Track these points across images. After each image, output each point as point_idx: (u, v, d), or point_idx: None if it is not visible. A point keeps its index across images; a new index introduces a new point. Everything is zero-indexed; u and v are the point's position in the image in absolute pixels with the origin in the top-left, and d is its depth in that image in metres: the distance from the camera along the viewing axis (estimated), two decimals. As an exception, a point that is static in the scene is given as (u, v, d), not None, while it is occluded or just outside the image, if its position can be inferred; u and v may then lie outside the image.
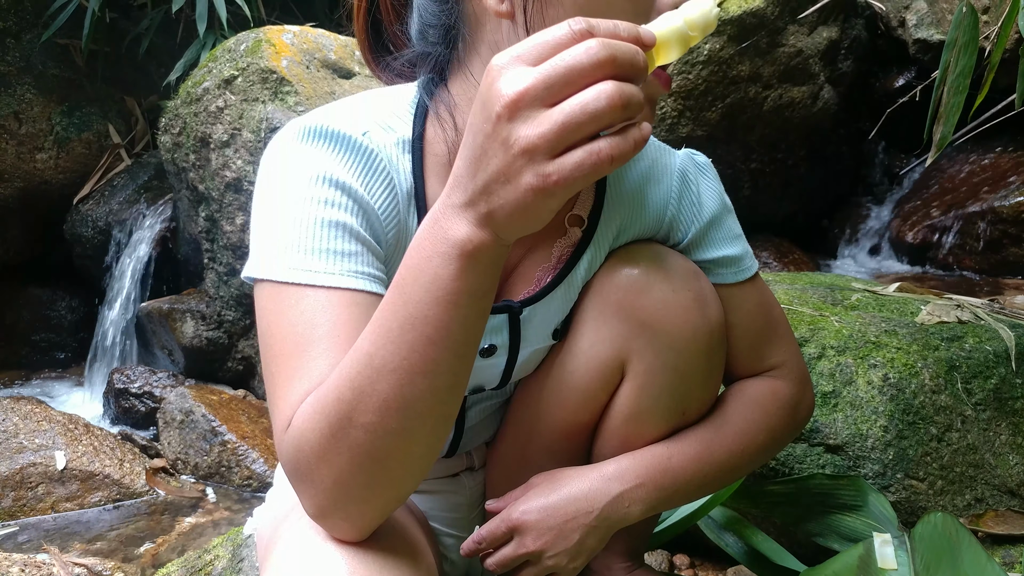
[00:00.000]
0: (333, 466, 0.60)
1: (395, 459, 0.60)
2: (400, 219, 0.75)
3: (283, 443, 0.63)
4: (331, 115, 0.73)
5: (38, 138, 2.82)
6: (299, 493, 0.64)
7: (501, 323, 0.84)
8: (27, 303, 3.00)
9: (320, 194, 0.69)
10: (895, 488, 1.21)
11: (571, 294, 0.86)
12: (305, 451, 0.61)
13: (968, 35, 1.20)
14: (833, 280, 1.75)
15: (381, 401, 0.58)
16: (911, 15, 2.80)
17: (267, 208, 0.70)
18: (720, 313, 0.85)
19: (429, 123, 0.78)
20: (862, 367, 1.28)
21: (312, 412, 0.61)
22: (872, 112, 2.79)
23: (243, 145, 2.23)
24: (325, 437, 0.60)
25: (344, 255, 0.68)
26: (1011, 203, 2.34)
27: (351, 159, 0.71)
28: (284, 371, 0.65)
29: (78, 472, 1.86)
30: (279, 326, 0.66)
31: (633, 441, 0.85)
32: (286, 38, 2.28)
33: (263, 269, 0.68)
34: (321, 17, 2.98)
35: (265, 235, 0.70)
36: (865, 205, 2.96)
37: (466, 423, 0.94)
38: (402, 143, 0.76)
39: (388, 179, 0.73)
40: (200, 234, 2.41)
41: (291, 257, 0.67)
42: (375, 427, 0.59)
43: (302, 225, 0.68)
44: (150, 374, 2.38)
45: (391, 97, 0.79)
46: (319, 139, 0.71)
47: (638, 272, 0.83)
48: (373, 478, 0.61)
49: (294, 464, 0.62)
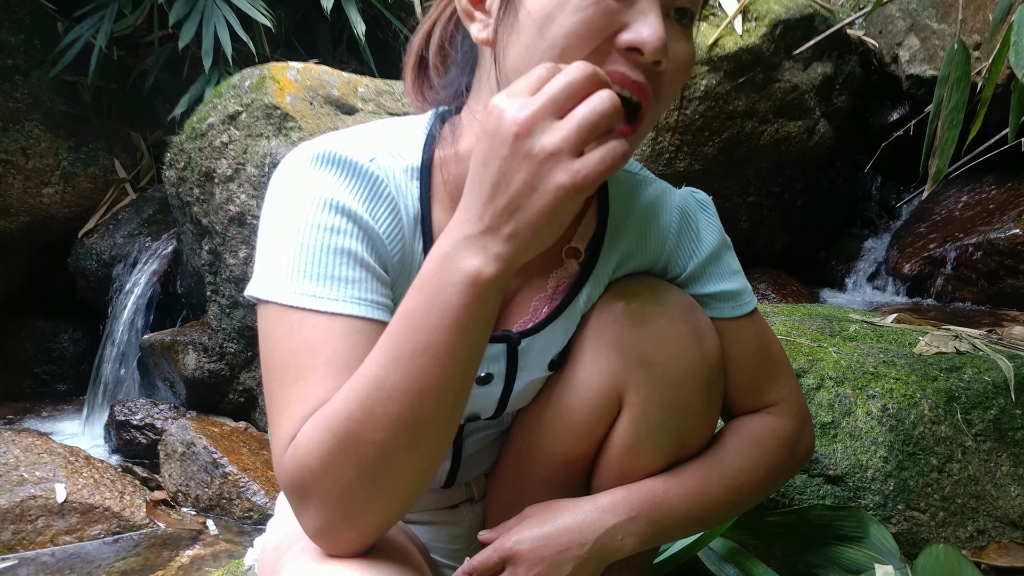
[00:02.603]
0: (341, 479, 0.63)
1: (402, 472, 0.64)
2: (405, 244, 0.77)
3: (284, 462, 0.65)
4: (341, 141, 0.75)
5: (45, 173, 2.85)
6: (300, 510, 0.66)
7: (499, 352, 0.84)
8: (30, 335, 3.00)
9: (326, 220, 0.70)
10: (896, 519, 1.21)
11: (570, 326, 0.86)
12: (311, 466, 0.63)
13: (960, 71, 1.23)
14: (831, 311, 1.76)
15: (393, 420, 0.61)
16: (904, 51, 2.85)
17: (274, 230, 0.72)
18: (717, 347, 0.86)
19: (438, 151, 0.80)
20: (861, 398, 1.29)
21: (318, 430, 0.63)
22: (868, 146, 2.83)
23: (247, 180, 2.25)
24: (332, 453, 0.62)
25: (347, 282, 0.70)
26: (1007, 235, 2.36)
27: (357, 185, 0.73)
28: (285, 395, 0.67)
29: (78, 505, 1.85)
30: (281, 350, 0.69)
31: (631, 474, 0.85)
32: (290, 75, 2.32)
33: (268, 291, 0.70)
34: (324, 54, 3.03)
35: (271, 257, 0.72)
36: (862, 237, 2.98)
37: (463, 452, 0.94)
38: (411, 170, 0.78)
39: (393, 205, 0.75)
40: (203, 267, 2.42)
41: (296, 282, 0.69)
42: (385, 444, 0.62)
43: (308, 251, 0.70)
44: (152, 406, 2.39)
45: (405, 125, 0.82)
46: (327, 164, 0.73)
47: (635, 305, 0.84)
48: (380, 489, 0.63)
49: (298, 480, 0.64)
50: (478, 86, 0.79)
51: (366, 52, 2.71)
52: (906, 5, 2.85)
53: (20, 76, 2.77)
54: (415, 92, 0.86)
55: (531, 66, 0.65)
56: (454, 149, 0.79)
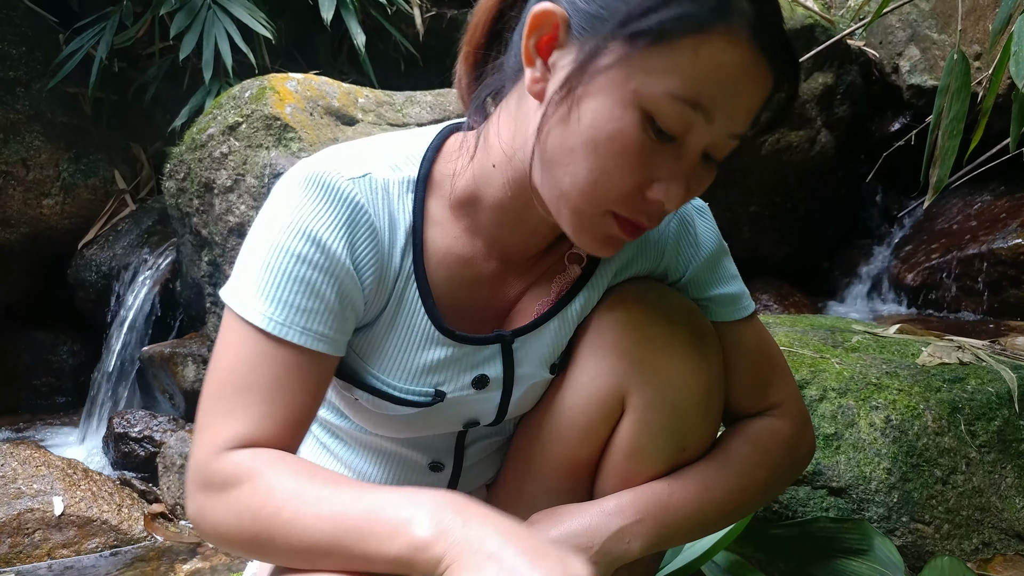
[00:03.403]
0: (232, 544, 0.71)
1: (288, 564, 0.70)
2: (382, 264, 0.79)
3: (212, 475, 0.71)
4: (338, 159, 0.78)
5: (45, 184, 2.84)
6: (192, 499, 0.73)
7: (493, 353, 0.85)
8: (28, 347, 2.99)
9: (297, 247, 0.74)
10: (901, 532, 1.20)
11: (565, 328, 0.87)
12: (215, 522, 0.71)
13: (960, 81, 1.23)
14: (833, 322, 1.75)
15: (296, 554, 0.68)
16: (904, 61, 2.85)
17: (255, 241, 0.76)
18: (717, 349, 0.86)
19: (438, 165, 0.82)
20: (864, 409, 1.28)
21: (244, 511, 0.70)
22: (869, 155, 2.82)
23: (246, 190, 2.25)
24: (239, 540, 0.70)
25: (301, 311, 0.73)
26: (1010, 245, 2.36)
27: (337, 213, 0.75)
28: (221, 403, 0.73)
29: (76, 518, 1.84)
30: (230, 358, 0.74)
31: (634, 478, 0.85)
32: (290, 85, 2.32)
33: (234, 300, 0.75)
34: (324, 65, 3.03)
35: (244, 268, 0.76)
36: (864, 247, 2.98)
37: (464, 461, 0.94)
38: (407, 182, 0.80)
39: (370, 229, 0.77)
40: (203, 278, 2.42)
41: (257, 299, 0.73)
42: (281, 560, 0.70)
43: (273, 273, 0.73)
44: (150, 418, 2.37)
45: (410, 138, 0.83)
46: (314, 189, 0.75)
47: (637, 308, 0.84)
48: (264, 556, 0.72)
49: (199, 511, 0.73)
50: (507, 114, 0.79)
51: (366, 63, 2.71)
52: (906, 16, 2.85)
53: (21, 88, 2.77)
54: (467, 86, 0.85)
55: (569, 168, 0.70)
56: (462, 164, 0.80)
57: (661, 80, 0.67)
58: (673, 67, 0.67)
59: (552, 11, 0.71)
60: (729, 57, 0.67)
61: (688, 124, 0.68)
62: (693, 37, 0.66)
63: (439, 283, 0.82)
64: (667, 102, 0.67)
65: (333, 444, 0.96)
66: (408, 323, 0.82)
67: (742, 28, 0.66)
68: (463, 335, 0.83)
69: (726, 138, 0.71)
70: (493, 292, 0.86)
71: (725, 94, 0.68)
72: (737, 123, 0.70)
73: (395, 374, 0.83)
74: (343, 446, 0.96)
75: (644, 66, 0.67)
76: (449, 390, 0.84)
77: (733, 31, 0.66)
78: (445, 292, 0.82)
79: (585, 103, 0.69)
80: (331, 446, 0.96)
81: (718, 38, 0.66)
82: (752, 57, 0.67)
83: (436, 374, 0.84)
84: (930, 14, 2.80)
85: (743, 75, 0.68)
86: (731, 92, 0.68)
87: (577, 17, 0.70)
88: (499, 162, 0.79)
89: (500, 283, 0.86)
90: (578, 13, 0.70)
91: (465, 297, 0.84)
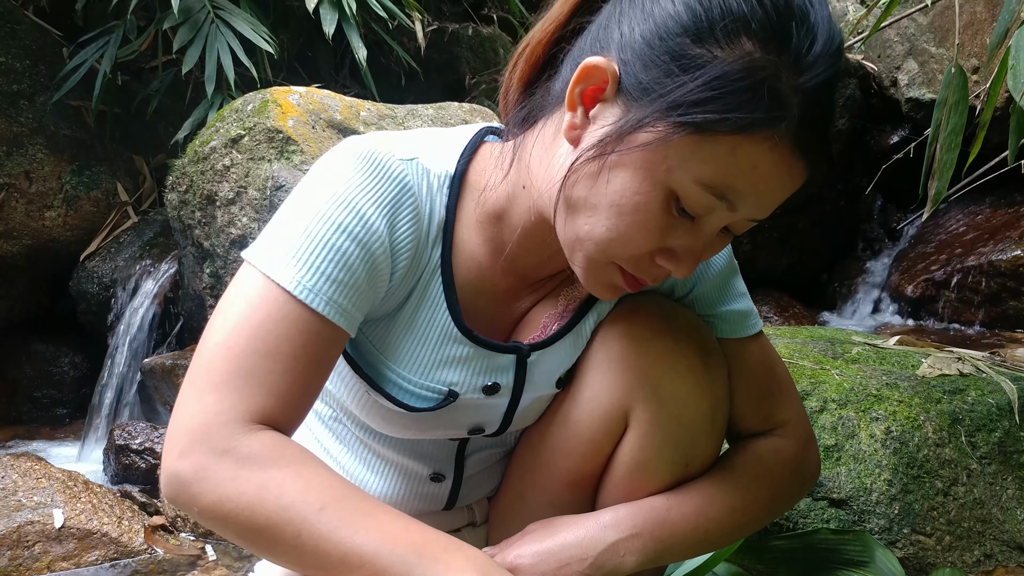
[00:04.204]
0: (231, 524, 0.68)
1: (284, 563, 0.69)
2: (418, 248, 0.79)
3: (238, 444, 0.68)
4: (392, 140, 0.79)
5: (47, 196, 2.85)
6: (189, 462, 0.68)
7: (508, 363, 0.85)
8: (30, 359, 2.99)
9: (342, 219, 0.73)
10: (902, 543, 1.19)
11: (579, 343, 0.87)
12: (223, 494, 0.67)
13: (958, 94, 1.24)
14: (833, 334, 1.75)
15: (309, 568, 0.67)
16: (903, 75, 2.86)
17: (297, 206, 0.75)
18: (723, 366, 0.86)
19: (472, 167, 0.83)
20: (864, 420, 1.28)
21: (270, 496, 0.67)
22: (868, 168, 2.83)
23: (248, 203, 2.26)
24: (248, 523, 0.67)
25: (332, 281, 0.72)
26: (1009, 257, 2.36)
27: (386, 190, 0.75)
28: (241, 365, 0.70)
29: (76, 530, 1.84)
30: (255, 317, 0.71)
31: (636, 493, 0.85)
32: (292, 99, 2.33)
33: (263, 260, 0.73)
34: (327, 78, 3.05)
35: (280, 232, 0.74)
36: (864, 259, 2.99)
37: (465, 471, 0.94)
38: (445, 176, 0.81)
39: (415, 212, 0.77)
40: (204, 290, 2.42)
41: (291, 263, 0.72)
42: (285, 560, 0.68)
43: (312, 239, 0.72)
44: (151, 430, 2.37)
45: (453, 135, 0.84)
46: (368, 163, 0.75)
47: (642, 323, 0.84)
48: (259, 550, 0.69)
49: (200, 474, 0.68)
50: (541, 141, 0.78)
51: (368, 77, 2.73)
52: (904, 30, 2.87)
53: (25, 101, 2.78)
54: (514, 102, 0.84)
55: (589, 220, 0.71)
56: (497, 179, 0.81)
57: (694, 167, 0.67)
58: (709, 159, 0.66)
59: (605, 68, 0.70)
60: (767, 159, 0.67)
61: (711, 209, 0.69)
62: (736, 136, 0.66)
63: (461, 283, 0.83)
64: (696, 188, 0.68)
65: (335, 448, 0.95)
66: (430, 316, 0.82)
67: (788, 134, 0.66)
68: (481, 338, 0.83)
69: (746, 221, 0.72)
70: (506, 304, 0.87)
71: (754, 189, 0.68)
72: (760, 212, 0.71)
73: (412, 368, 0.83)
74: (346, 451, 0.95)
75: (681, 151, 0.67)
76: (461, 391, 0.85)
77: (778, 136, 0.66)
78: (466, 293, 0.83)
79: (617, 170, 0.69)
80: (333, 451, 0.95)
81: (761, 141, 0.66)
82: (791, 160, 0.68)
83: (451, 371, 0.84)
84: (928, 28, 2.82)
85: (777, 175, 0.68)
86: (761, 188, 0.68)
87: (628, 80, 0.69)
88: (529, 188, 0.79)
89: (512, 297, 0.87)
90: (630, 76, 0.69)
91: (481, 302, 0.85)
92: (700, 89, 0.65)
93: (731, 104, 0.64)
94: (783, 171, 0.68)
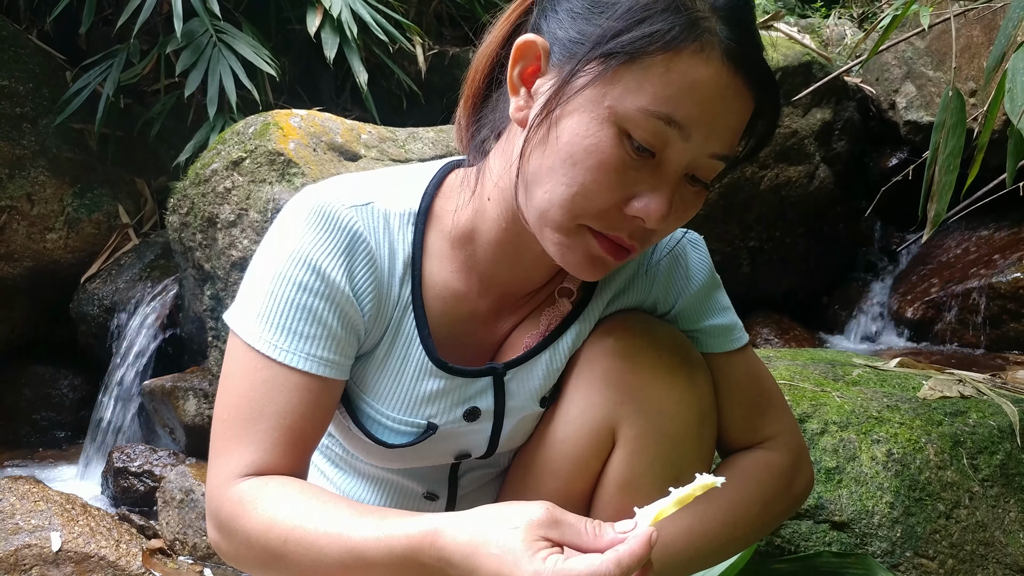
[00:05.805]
0: (253, 570, 0.75)
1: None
2: (382, 291, 0.81)
3: (225, 500, 0.74)
4: (341, 187, 0.81)
5: (49, 219, 2.86)
6: (213, 528, 0.77)
7: (485, 386, 0.85)
8: (29, 381, 2.99)
9: (299, 276, 0.76)
10: (904, 567, 1.19)
11: (556, 361, 0.87)
12: (231, 553, 0.76)
13: (955, 117, 1.24)
14: (834, 356, 1.75)
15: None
16: (901, 98, 2.88)
17: (259, 268, 0.79)
18: (708, 380, 0.86)
19: (438, 200, 0.84)
20: (865, 442, 1.28)
21: (253, 540, 0.73)
22: (868, 190, 2.85)
23: (249, 225, 2.27)
24: (257, 564, 0.74)
25: (304, 337, 0.76)
26: (1009, 279, 2.36)
27: (338, 242, 0.77)
28: (231, 431, 0.76)
29: (73, 554, 1.83)
30: (237, 385, 0.76)
31: (627, 510, 0.84)
32: (293, 121, 2.34)
33: (240, 326, 0.77)
34: (328, 101, 3.07)
35: (249, 295, 0.78)
36: (864, 281, 2.99)
37: (459, 491, 0.94)
38: (408, 215, 0.82)
39: (369, 256, 0.79)
40: (205, 312, 2.42)
41: (262, 327, 0.76)
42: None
43: (277, 301, 0.76)
44: (150, 452, 2.36)
45: (414, 172, 0.86)
46: (317, 219, 0.78)
47: (626, 340, 0.85)
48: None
49: (215, 543, 0.77)
50: (500, 149, 0.81)
51: (368, 100, 2.74)
52: (902, 53, 2.89)
53: (28, 124, 2.80)
54: (466, 128, 0.87)
55: (548, 185, 0.72)
56: (464, 199, 0.82)
57: (634, 96, 0.68)
58: (645, 83, 0.68)
59: (534, 41, 0.73)
60: (701, 74, 0.68)
61: (664, 139, 0.69)
62: (664, 54, 0.68)
63: (435, 315, 0.83)
64: (641, 117, 0.69)
65: (330, 471, 0.96)
66: (404, 353, 0.83)
67: (714, 47, 0.68)
68: (456, 367, 0.84)
69: (707, 157, 0.72)
70: (487, 328, 0.87)
71: (699, 110, 0.69)
72: (716, 142, 0.71)
73: (390, 404, 0.84)
74: (340, 473, 0.96)
75: (618, 84, 0.69)
76: (441, 422, 0.85)
77: (705, 49, 0.68)
78: (441, 324, 0.83)
79: (563, 122, 0.71)
80: (328, 473, 0.96)
81: (689, 55, 0.68)
82: (726, 76, 0.69)
83: (429, 406, 0.84)
84: (925, 52, 2.84)
85: (717, 93, 0.69)
86: (706, 109, 0.69)
87: (557, 46, 0.73)
88: (493, 195, 0.80)
89: (493, 320, 0.87)
90: (558, 42, 0.73)
91: (459, 331, 0.85)
92: (619, 19, 0.69)
93: (650, 24, 0.68)
94: (722, 88, 0.69)
